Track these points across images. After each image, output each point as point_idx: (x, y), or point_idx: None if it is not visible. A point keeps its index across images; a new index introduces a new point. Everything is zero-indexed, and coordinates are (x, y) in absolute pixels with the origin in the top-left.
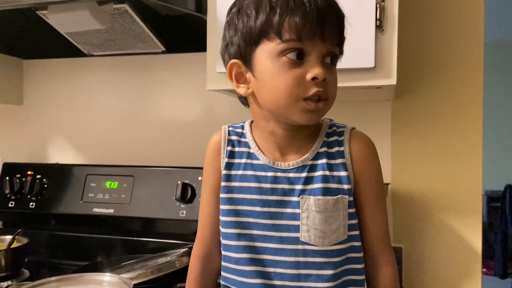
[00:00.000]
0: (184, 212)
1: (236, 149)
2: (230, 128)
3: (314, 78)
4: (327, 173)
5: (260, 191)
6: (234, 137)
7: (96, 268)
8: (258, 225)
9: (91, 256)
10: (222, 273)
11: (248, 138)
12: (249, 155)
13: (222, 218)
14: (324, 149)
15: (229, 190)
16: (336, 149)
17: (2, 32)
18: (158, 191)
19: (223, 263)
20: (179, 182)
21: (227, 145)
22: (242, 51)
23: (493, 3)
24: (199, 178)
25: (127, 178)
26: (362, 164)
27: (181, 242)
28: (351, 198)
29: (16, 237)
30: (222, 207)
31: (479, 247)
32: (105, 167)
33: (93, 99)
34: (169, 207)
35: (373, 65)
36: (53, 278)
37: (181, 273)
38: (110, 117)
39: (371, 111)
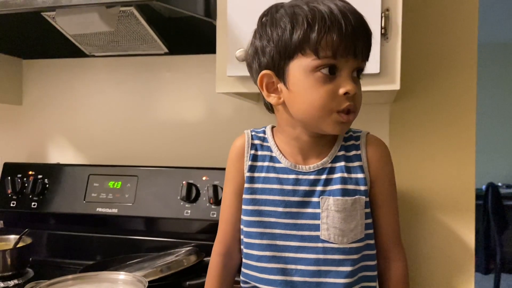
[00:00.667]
0: (189, 211)
1: (259, 152)
2: (253, 133)
3: (346, 93)
4: (345, 175)
5: (282, 192)
6: (257, 141)
7: (103, 267)
8: (280, 225)
9: (94, 256)
10: (243, 270)
11: (270, 143)
12: (271, 159)
13: (245, 217)
14: (342, 152)
15: (253, 191)
16: (353, 152)
17: (3, 32)
18: (162, 191)
19: (244, 260)
20: (184, 182)
21: (251, 149)
22: (275, 63)
23: (486, 7)
24: (203, 178)
25: (130, 178)
26: (378, 167)
27: (186, 241)
28: (367, 199)
29: (21, 236)
30: (245, 207)
31: (472, 243)
32: (108, 167)
33: (94, 100)
34: (174, 207)
35: (378, 71)
36: (70, 276)
37: (189, 272)
38: (112, 117)
39: (369, 113)
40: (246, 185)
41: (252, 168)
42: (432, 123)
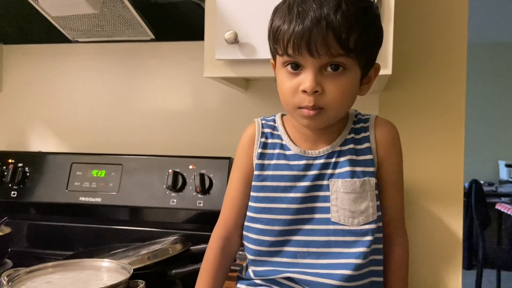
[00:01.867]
0: (175, 200)
1: (269, 140)
2: (263, 121)
3: (304, 91)
4: (354, 157)
5: (293, 178)
6: (267, 130)
7: (86, 256)
8: (291, 210)
9: (77, 247)
10: (251, 257)
11: (281, 131)
12: (282, 146)
13: (254, 204)
14: (351, 135)
15: (263, 178)
16: (362, 135)
17: None
18: (147, 179)
19: (254, 247)
20: (170, 171)
21: (261, 137)
22: (271, 53)
23: (477, 3)
24: (190, 167)
25: (115, 167)
26: (386, 148)
27: (171, 230)
28: (376, 180)
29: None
30: (255, 194)
31: (460, 234)
32: (92, 155)
33: (77, 87)
34: (159, 196)
35: None
36: (50, 264)
37: (175, 260)
38: (96, 105)
39: (358, 103)
40: (256, 172)
41: (262, 156)
42: (422, 114)
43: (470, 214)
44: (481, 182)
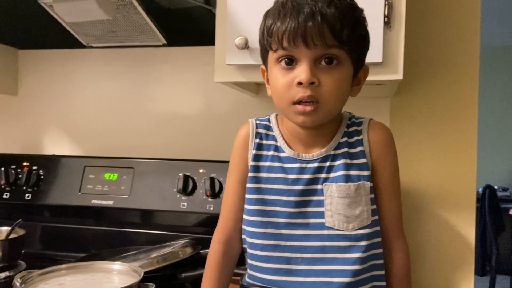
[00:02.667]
0: (185, 204)
1: (264, 142)
2: (257, 121)
3: (300, 83)
4: (348, 161)
5: (286, 181)
6: (261, 130)
7: (97, 259)
8: (284, 213)
9: (89, 249)
10: (249, 261)
11: (275, 132)
12: (276, 148)
13: (248, 206)
14: (345, 139)
15: (257, 180)
16: (355, 138)
17: None
18: (158, 183)
19: (249, 251)
20: (180, 174)
21: (255, 138)
22: (262, 57)
23: (490, 7)
24: (200, 171)
25: (127, 170)
26: (379, 151)
27: (182, 234)
28: (371, 184)
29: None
30: (249, 196)
31: (472, 240)
32: (104, 158)
33: (90, 91)
34: (170, 199)
35: (381, 60)
36: (63, 266)
37: (185, 264)
38: (109, 109)
39: (369, 107)
40: (250, 174)
41: (256, 157)
42: (434, 118)
43: (484, 219)
44: (495, 187)
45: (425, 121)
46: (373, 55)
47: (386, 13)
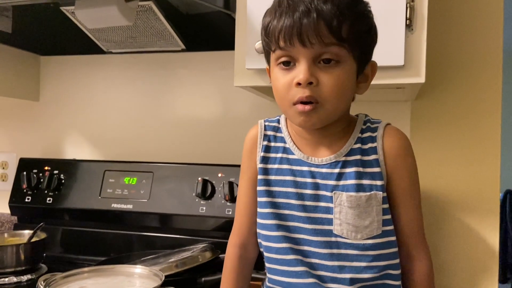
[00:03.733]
0: (204, 208)
1: (272, 144)
2: (266, 123)
3: (298, 84)
4: (361, 169)
5: (295, 184)
6: (270, 132)
7: (117, 263)
8: (294, 217)
9: (108, 252)
10: (267, 264)
11: (284, 134)
12: (285, 150)
13: (260, 210)
14: (358, 145)
15: (266, 183)
16: (369, 145)
17: (21, 28)
18: (177, 187)
19: (266, 254)
20: (199, 179)
21: (263, 140)
22: (266, 58)
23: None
24: (219, 175)
25: (146, 174)
26: (395, 160)
27: (201, 238)
28: (385, 194)
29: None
30: (260, 199)
31: (496, 247)
32: (124, 163)
33: (110, 96)
34: (189, 203)
35: (402, 63)
36: (85, 269)
37: (204, 268)
38: (128, 114)
39: (389, 111)
40: (259, 177)
41: (265, 159)
42: (456, 122)
43: (505, 225)
44: None
45: (447, 125)
46: (395, 58)
47: (407, 15)
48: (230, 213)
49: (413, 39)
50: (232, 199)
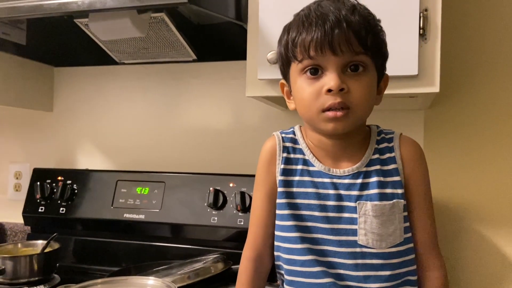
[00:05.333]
0: (216, 218)
1: (292, 155)
2: (283, 135)
3: (329, 91)
4: (382, 179)
5: (318, 196)
6: (288, 144)
7: (130, 273)
8: (318, 229)
9: (121, 262)
10: (287, 277)
11: (302, 145)
12: (305, 162)
13: (281, 222)
14: (376, 156)
15: (288, 195)
16: (387, 155)
17: (35, 40)
18: (189, 197)
19: (287, 267)
20: (211, 189)
21: (283, 152)
22: (282, 71)
23: None
24: (230, 185)
25: (158, 184)
26: (412, 168)
27: (212, 248)
28: (405, 202)
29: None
30: (281, 212)
31: None
32: (136, 173)
33: (122, 106)
34: (200, 214)
35: (416, 73)
36: (99, 280)
37: (216, 280)
38: (140, 124)
39: (402, 120)
40: (280, 189)
41: (285, 172)
42: (470, 131)
43: None
44: None
45: (461, 134)
46: (408, 67)
47: (421, 25)
48: (242, 223)
49: (426, 49)
50: (244, 209)
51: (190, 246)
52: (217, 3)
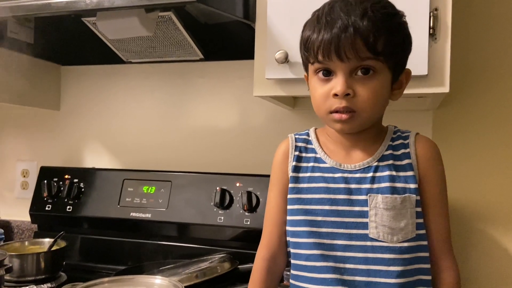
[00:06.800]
0: (222, 218)
1: (303, 154)
2: (296, 136)
3: (336, 95)
4: (394, 173)
5: (328, 190)
6: (301, 144)
7: (136, 272)
8: (327, 223)
9: (127, 261)
10: (293, 272)
11: (315, 145)
12: (316, 160)
13: (290, 217)
14: (389, 151)
15: (298, 191)
16: (402, 151)
17: (43, 38)
18: (195, 196)
19: (292, 261)
20: (218, 188)
21: (295, 150)
22: (304, 64)
23: None
24: (237, 185)
25: (164, 183)
26: (427, 166)
27: (218, 248)
28: (418, 197)
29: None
30: (290, 207)
31: None
32: (143, 172)
33: (129, 105)
34: (207, 213)
35: (426, 73)
36: (105, 279)
37: (222, 279)
38: (147, 123)
39: (411, 120)
40: (290, 185)
41: (296, 169)
42: (480, 131)
43: None
44: None
45: (471, 134)
46: (418, 67)
47: (431, 24)
48: (248, 223)
49: (436, 48)
50: (251, 209)
51: (196, 246)
52: (225, 2)
